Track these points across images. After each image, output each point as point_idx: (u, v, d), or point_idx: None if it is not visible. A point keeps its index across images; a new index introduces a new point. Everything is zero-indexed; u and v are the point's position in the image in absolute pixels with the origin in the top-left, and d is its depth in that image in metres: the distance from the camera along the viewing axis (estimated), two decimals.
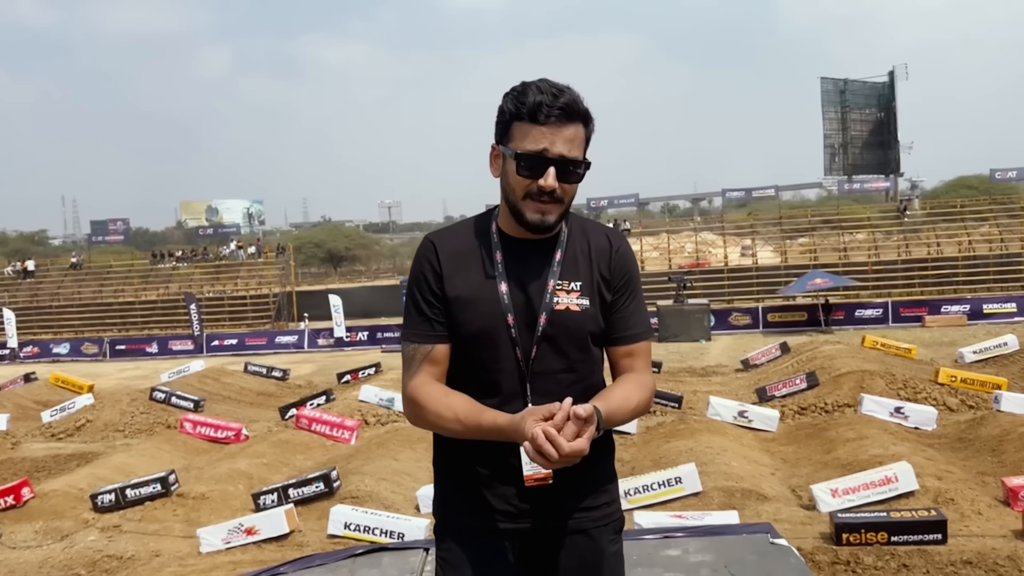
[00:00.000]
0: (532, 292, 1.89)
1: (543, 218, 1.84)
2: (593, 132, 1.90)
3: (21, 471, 10.71)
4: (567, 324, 1.89)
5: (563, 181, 1.82)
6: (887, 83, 43.16)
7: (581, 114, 1.83)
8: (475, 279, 1.90)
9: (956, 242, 33.51)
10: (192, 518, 8.10)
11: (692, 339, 24.51)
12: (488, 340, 1.89)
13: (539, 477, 1.84)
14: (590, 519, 1.97)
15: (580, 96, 1.84)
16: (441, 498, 2.04)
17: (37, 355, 30.85)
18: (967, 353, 16.22)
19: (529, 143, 1.80)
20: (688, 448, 9.26)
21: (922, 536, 6.19)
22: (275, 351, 28.39)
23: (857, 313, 26.33)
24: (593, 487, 1.98)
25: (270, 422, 13.74)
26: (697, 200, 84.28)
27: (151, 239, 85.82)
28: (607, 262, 1.96)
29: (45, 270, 43.11)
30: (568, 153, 1.81)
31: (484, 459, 1.91)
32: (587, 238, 1.97)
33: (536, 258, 1.92)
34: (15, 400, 17.42)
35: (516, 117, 1.83)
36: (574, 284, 1.92)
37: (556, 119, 1.79)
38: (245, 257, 42.23)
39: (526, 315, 1.89)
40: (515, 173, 1.83)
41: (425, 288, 1.92)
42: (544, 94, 1.79)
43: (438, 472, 2.05)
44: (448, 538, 2.00)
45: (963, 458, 9.02)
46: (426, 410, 1.88)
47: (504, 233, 1.94)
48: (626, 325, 1.99)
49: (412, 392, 1.92)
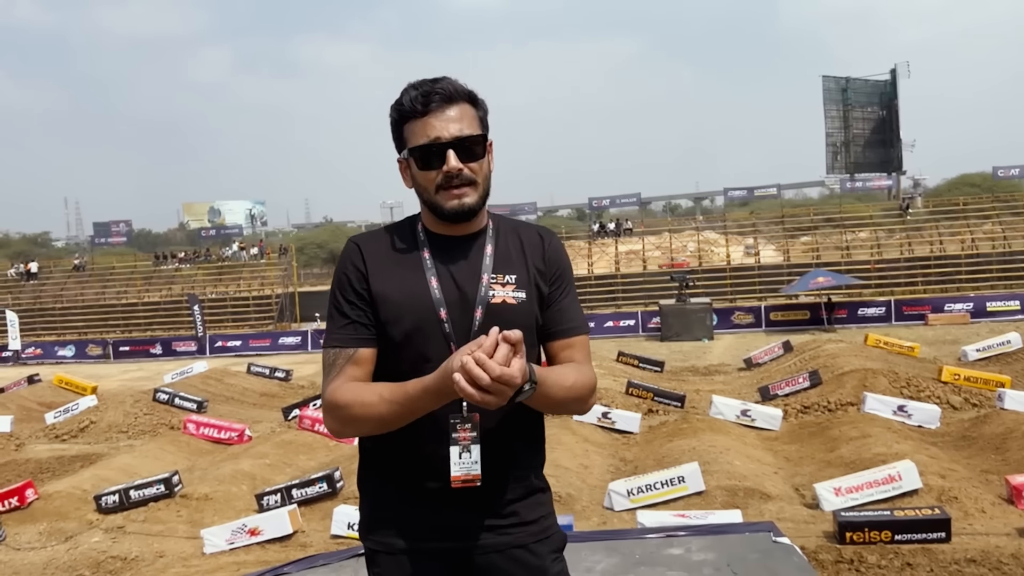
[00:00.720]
0: (465, 286, 1.84)
1: (460, 202, 1.80)
2: (487, 113, 1.88)
3: (25, 472, 10.73)
4: (505, 317, 1.80)
5: (467, 160, 1.79)
6: (889, 81, 43.09)
7: (462, 94, 1.82)
8: (403, 276, 1.84)
9: (959, 240, 33.48)
10: (196, 519, 8.11)
11: (695, 338, 24.52)
12: (420, 337, 1.81)
13: (467, 478, 1.76)
14: (528, 533, 1.88)
15: (458, 81, 1.83)
16: (368, 519, 1.93)
17: (40, 356, 30.92)
18: (970, 351, 16.20)
19: (421, 136, 1.79)
20: (691, 447, 9.26)
21: (926, 535, 6.18)
22: (278, 352, 28.43)
23: (860, 311, 26.33)
24: (525, 497, 1.89)
25: (273, 423, 13.76)
26: (699, 199, 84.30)
27: (154, 241, 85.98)
28: (541, 255, 1.92)
29: (48, 272, 43.22)
30: (461, 132, 1.78)
31: (413, 474, 1.82)
32: (518, 234, 1.94)
33: (467, 253, 1.87)
34: (19, 402, 17.45)
35: (402, 120, 1.83)
36: (509, 277, 1.87)
37: (437, 104, 1.78)
38: (247, 258, 42.31)
39: (460, 309, 1.82)
40: (419, 169, 1.81)
41: (348, 290, 1.85)
42: (418, 88, 1.80)
43: (362, 490, 1.95)
44: (378, 562, 1.89)
45: (967, 456, 9.01)
46: (349, 406, 1.76)
47: (430, 231, 1.90)
48: (563, 318, 1.93)
49: (331, 395, 1.79)
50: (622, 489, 7.72)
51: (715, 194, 74.18)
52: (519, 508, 1.88)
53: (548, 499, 1.98)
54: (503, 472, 1.84)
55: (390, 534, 1.87)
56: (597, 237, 39.23)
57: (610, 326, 27.95)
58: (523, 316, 1.85)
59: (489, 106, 1.90)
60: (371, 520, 1.92)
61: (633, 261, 36.80)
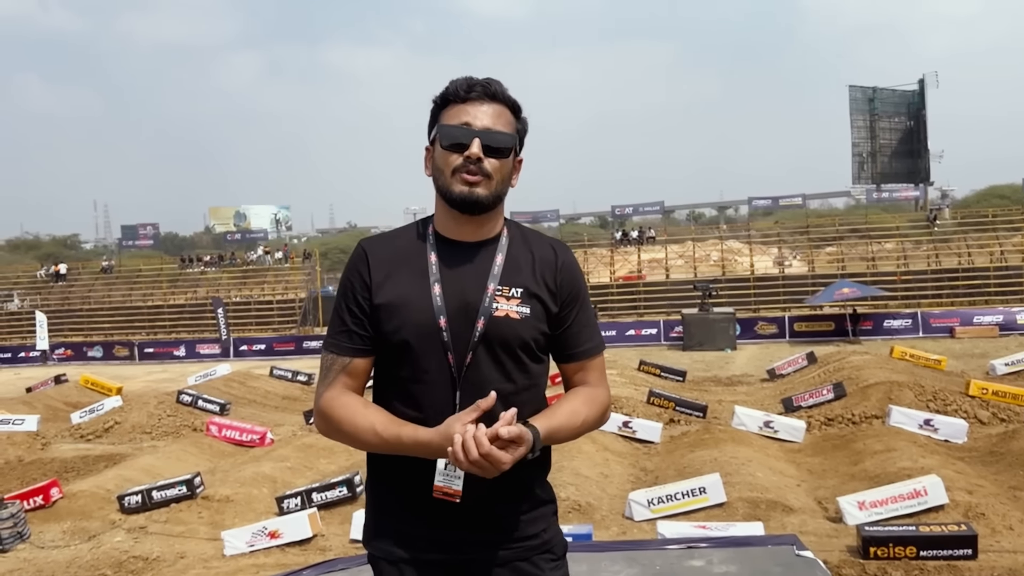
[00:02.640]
0: (469, 296, 1.80)
1: (471, 190, 1.77)
2: (525, 129, 1.88)
3: (50, 471, 10.86)
4: (505, 332, 1.80)
5: (490, 155, 1.78)
6: (917, 91, 42.63)
7: (505, 99, 1.82)
8: (407, 282, 1.82)
9: (987, 252, 33.01)
10: (217, 520, 8.16)
11: (717, 348, 24.34)
12: (418, 346, 1.79)
13: (447, 491, 1.73)
14: (529, 547, 1.87)
15: (508, 89, 1.84)
16: (371, 525, 1.93)
17: (70, 357, 31.35)
18: (999, 365, 15.94)
19: (453, 119, 1.79)
20: (712, 458, 9.18)
21: (952, 551, 6.08)
22: (302, 356, 28.61)
23: (886, 323, 26.01)
24: (529, 511, 1.87)
25: (295, 426, 13.82)
26: (723, 208, 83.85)
27: (180, 244, 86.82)
28: (552, 274, 1.88)
29: (77, 274, 43.86)
30: (493, 126, 1.78)
31: (415, 483, 1.80)
32: (530, 247, 1.90)
33: (475, 262, 1.84)
34: (45, 401, 17.69)
35: (443, 104, 1.83)
36: (515, 291, 1.83)
37: (478, 95, 1.79)
38: (272, 262, 42.64)
39: (461, 319, 1.79)
40: (442, 148, 1.80)
41: (351, 299, 1.85)
42: (466, 79, 1.82)
43: (370, 495, 1.95)
44: (381, 570, 1.89)
45: (994, 472, 8.85)
46: (341, 422, 1.79)
47: (441, 236, 1.87)
48: (577, 341, 1.92)
49: (326, 404, 1.82)
50: (642, 499, 7.67)
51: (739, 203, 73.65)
52: (522, 522, 1.86)
53: (552, 510, 1.96)
54: (506, 485, 1.78)
55: (391, 542, 1.87)
56: (620, 245, 39.13)
57: (632, 334, 27.83)
58: (525, 331, 1.83)
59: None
60: (374, 527, 1.92)
61: (656, 270, 36.65)
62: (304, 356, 28.51)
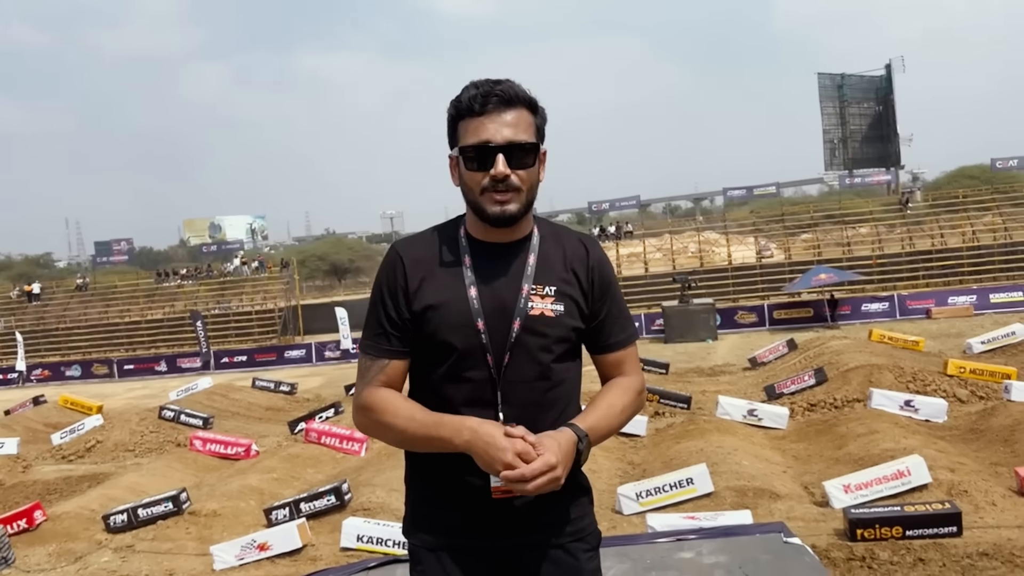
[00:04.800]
0: (505, 296, 1.83)
1: (503, 208, 1.78)
2: (545, 122, 1.87)
3: (33, 494, 10.72)
4: (542, 330, 1.83)
5: (516, 168, 1.77)
6: (884, 76, 43.18)
7: (522, 99, 1.80)
8: (443, 285, 1.83)
9: (960, 233, 33.43)
10: (205, 535, 8.10)
11: (698, 339, 24.47)
12: (457, 347, 1.81)
13: (507, 488, 1.75)
14: (566, 534, 1.90)
15: (521, 86, 1.82)
16: (412, 516, 1.96)
17: (48, 378, 30.94)
18: (975, 344, 16.17)
19: (472, 137, 1.78)
20: (699, 448, 9.24)
21: (937, 529, 6.16)
22: (284, 366, 28.43)
23: (863, 307, 26.27)
24: (567, 500, 1.89)
25: (280, 437, 13.75)
26: (699, 200, 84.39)
27: (155, 258, 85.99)
28: (585, 270, 1.91)
29: (51, 292, 43.27)
30: (515, 137, 1.77)
31: (455, 473, 1.82)
32: (561, 243, 1.92)
33: (508, 262, 1.86)
34: (25, 423, 17.44)
35: (458, 117, 1.82)
36: (548, 289, 1.85)
37: (494, 106, 1.77)
38: (249, 273, 42.36)
39: (498, 320, 1.81)
40: (467, 169, 1.80)
41: (389, 303, 1.86)
42: (479, 88, 1.79)
43: (409, 488, 1.98)
44: (420, 559, 1.91)
45: (975, 449, 8.99)
46: (381, 412, 1.82)
47: (472, 237, 1.88)
48: (611, 332, 1.95)
49: (366, 398, 1.86)
50: (631, 492, 7.70)
51: (714, 194, 74.25)
52: (560, 508, 1.89)
53: (588, 499, 2.00)
54: None
55: (433, 531, 1.89)
56: (598, 240, 39.19)
57: None
58: (561, 328, 1.86)
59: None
60: (414, 517, 1.95)
61: (635, 263, 36.80)
62: (286, 365, 28.35)
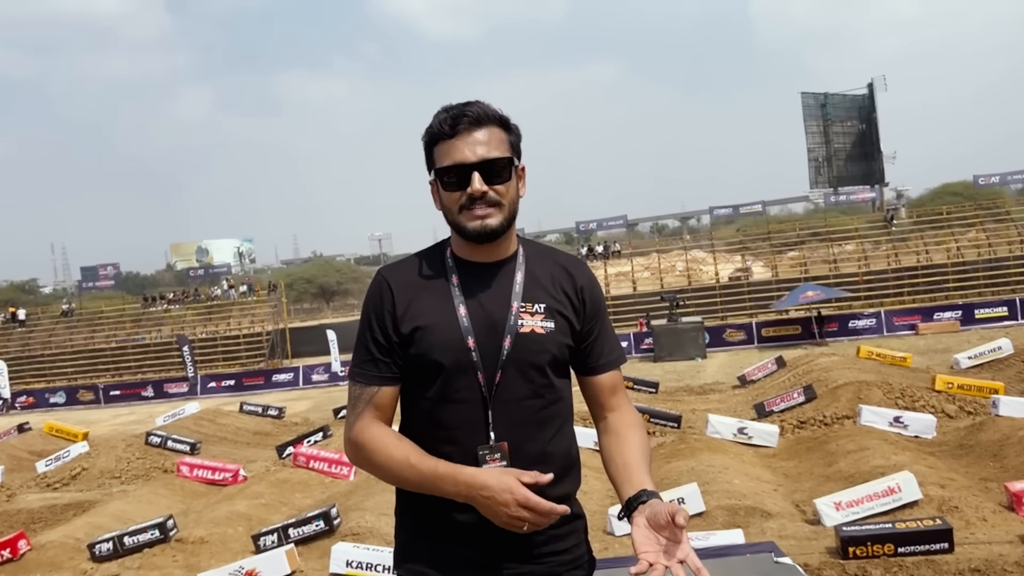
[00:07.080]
0: (494, 314, 1.82)
1: (483, 223, 1.79)
2: (519, 138, 1.88)
3: (17, 523, 10.56)
4: (532, 347, 1.82)
5: (492, 183, 1.79)
6: (867, 95, 43.67)
7: (492, 118, 1.82)
8: (431, 305, 1.83)
9: (944, 249, 33.76)
10: (192, 563, 7.99)
11: (687, 357, 24.51)
12: (448, 368, 1.80)
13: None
14: (560, 562, 1.88)
15: (491, 105, 1.84)
16: (402, 547, 1.93)
17: (33, 405, 30.62)
18: (962, 359, 16.25)
19: (447, 159, 1.79)
20: (689, 468, 9.21)
21: (929, 546, 6.15)
22: (272, 390, 28.26)
23: (851, 324, 26.42)
24: (560, 526, 1.86)
25: (268, 461, 13.63)
26: (685, 219, 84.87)
27: (142, 283, 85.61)
28: (573, 288, 1.91)
29: (36, 318, 42.94)
30: (487, 155, 1.78)
31: (443, 503, 1.79)
32: (546, 262, 1.94)
33: (495, 281, 1.86)
34: (9, 451, 17.22)
35: (432, 142, 1.83)
36: (538, 306, 1.85)
37: (465, 127, 1.78)
38: (237, 296, 42.18)
39: (488, 339, 1.81)
40: (444, 190, 1.82)
41: (376, 328, 1.85)
42: (449, 111, 1.81)
43: (400, 518, 1.95)
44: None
45: (965, 465, 9.00)
46: (374, 452, 1.80)
47: (459, 258, 1.89)
48: (601, 352, 1.96)
49: (357, 434, 1.83)
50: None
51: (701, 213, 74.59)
52: (553, 538, 1.86)
53: (583, 526, 1.99)
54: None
55: (422, 564, 1.86)
56: (586, 260, 39.31)
57: None
58: (551, 345, 1.85)
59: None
60: (405, 549, 1.92)
61: (623, 283, 36.88)
62: (274, 389, 28.17)
